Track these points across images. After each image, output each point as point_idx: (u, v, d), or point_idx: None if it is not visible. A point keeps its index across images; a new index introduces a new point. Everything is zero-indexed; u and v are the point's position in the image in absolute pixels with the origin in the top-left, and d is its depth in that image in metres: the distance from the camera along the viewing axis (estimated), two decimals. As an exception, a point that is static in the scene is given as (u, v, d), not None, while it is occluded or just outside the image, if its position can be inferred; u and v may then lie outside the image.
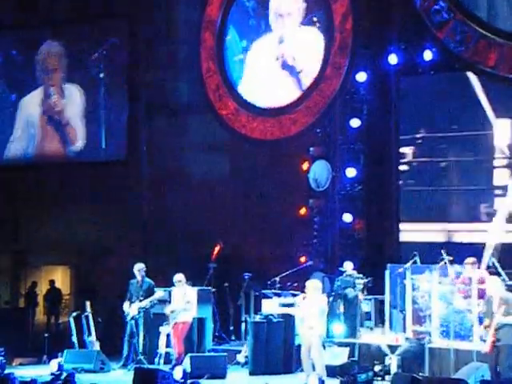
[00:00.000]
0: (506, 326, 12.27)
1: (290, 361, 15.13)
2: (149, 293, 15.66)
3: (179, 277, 15.48)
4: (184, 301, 15.33)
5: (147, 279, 15.80)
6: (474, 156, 17.32)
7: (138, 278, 15.74)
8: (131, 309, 15.58)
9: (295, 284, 16.78)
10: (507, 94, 16.37)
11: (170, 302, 15.68)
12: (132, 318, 15.57)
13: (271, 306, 15.89)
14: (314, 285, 13.86)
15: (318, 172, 18.51)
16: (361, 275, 16.14)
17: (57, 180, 20.97)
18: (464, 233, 17.19)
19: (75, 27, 21.60)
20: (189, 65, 20.00)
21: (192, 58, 19.74)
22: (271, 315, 15.54)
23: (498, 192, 17.02)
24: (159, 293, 15.69)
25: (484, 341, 12.74)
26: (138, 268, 15.80)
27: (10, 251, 22.28)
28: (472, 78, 16.86)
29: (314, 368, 13.72)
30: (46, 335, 16.92)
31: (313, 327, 13.56)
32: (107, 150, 20.98)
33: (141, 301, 15.55)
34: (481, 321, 13.75)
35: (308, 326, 13.63)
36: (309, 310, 13.64)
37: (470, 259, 14.49)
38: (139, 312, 15.54)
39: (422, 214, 17.76)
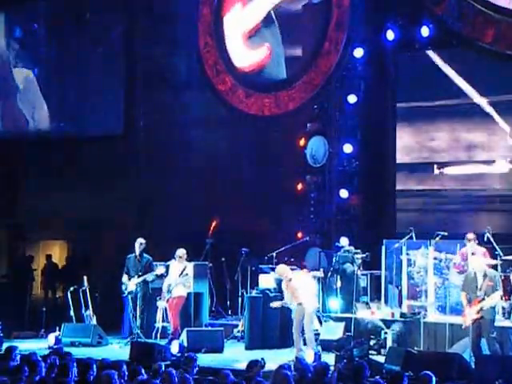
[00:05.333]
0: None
1: (286, 335, 15.18)
2: (147, 268, 15.73)
3: (181, 252, 15.49)
4: (182, 274, 15.37)
5: (145, 255, 15.87)
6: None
7: (138, 252, 15.78)
8: (130, 284, 15.65)
9: (292, 259, 16.85)
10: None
11: (166, 276, 15.73)
12: (129, 293, 15.66)
13: (268, 281, 16.00)
14: (279, 271, 14.10)
15: (315, 148, 18.51)
16: (359, 250, 16.19)
17: (55, 154, 20.97)
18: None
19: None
20: (187, 40, 19.93)
21: (190, 33, 19.69)
22: (268, 290, 15.63)
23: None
24: (160, 269, 15.74)
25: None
26: (141, 241, 15.84)
27: (7, 225, 22.31)
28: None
29: (304, 343, 13.93)
30: (44, 309, 17.01)
31: (301, 303, 13.76)
32: (105, 125, 20.95)
33: (139, 276, 15.63)
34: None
35: (297, 303, 13.84)
36: (295, 289, 13.85)
37: (471, 235, 14.56)
38: (137, 287, 15.62)
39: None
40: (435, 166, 17.58)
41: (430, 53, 17.27)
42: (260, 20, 18.52)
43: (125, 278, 15.71)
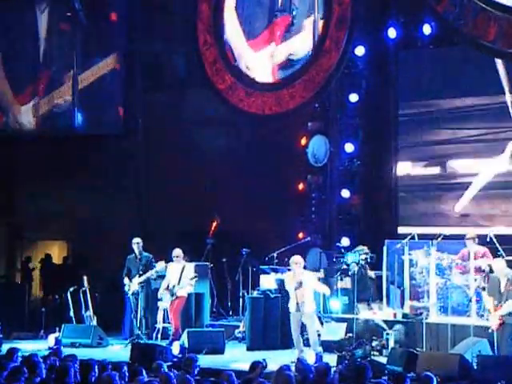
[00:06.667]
0: None
1: (287, 336, 15.07)
2: (148, 266, 15.65)
3: (177, 252, 15.43)
4: (188, 277, 15.28)
5: (145, 253, 15.80)
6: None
7: (136, 252, 15.72)
8: (132, 284, 15.57)
9: (292, 260, 16.75)
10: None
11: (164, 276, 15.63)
12: (133, 294, 15.58)
13: (269, 282, 15.90)
14: (296, 258, 13.92)
15: (317, 147, 18.41)
16: (368, 251, 16.00)
17: (54, 153, 20.86)
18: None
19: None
20: (185, 37, 19.84)
21: (189, 30, 19.59)
22: (269, 291, 15.55)
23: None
24: (159, 264, 15.66)
25: (481, 316, 12.98)
26: (137, 241, 15.79)
27: (5, 225, 22.19)
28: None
29: (305, 344, 13.82)
30: (43, 310, 16.93)
31: (304, 302, 13.68)
32: (104, 124, 20.85)
33: (140, 275, 15.55)
34: (478, 296, 13.88)
35: (300, 301, 13.71)
36: (301, 285, 13.74)
37: (471, 234, 14.49)
38: (141, 287, 15.54)
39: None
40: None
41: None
42: (287, 56, 18.41)
43: (126, 280, 15.65)
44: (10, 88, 21.52)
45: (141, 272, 15.61)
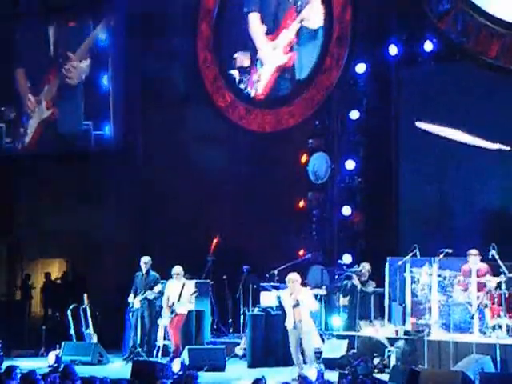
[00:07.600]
0: None
1: (288, 353, 14.98)
2: (153, 286, 15.58)
3: (178, 269, 15.37)
4: (188, 293, 15.20)
5: (152, 272, 15.73)
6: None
7: (144, 270, 15.67)
8: (135, 301, 15.53)
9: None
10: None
11: (163, 294, 15.55)
12: (133, 312, 15.52)
13: (269, 299, 15.84)
14: (293, 276, 13.80)
15: (317, 164, 18.39)
16: (362, 267, 15.89)
17: (54, 171, 20.84)
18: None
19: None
20: (185, 55, 19.87)
21: (189, 48, 19.63)
22: (270, 308, 15.48)
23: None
24: (158, 286, 15.60)
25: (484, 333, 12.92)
26: (145, 261, 15.74)
27: (5, 243, 22.14)
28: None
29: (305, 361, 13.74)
30: (44, 328, 16.86)
31: (301, 320, 13.56)
32: (104, 142, 20.84)
33: (143, 294, 15.52)
34: (480, 313, 13.82)
35: (297, 319, 13.60)
36: (297, 304, 13.63)
37: (474, 250, 14.44)
38: (142, 305, 15.48)
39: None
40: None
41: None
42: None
43: (130, 297, 15.63)
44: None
45: (143, 291, 15.58)
